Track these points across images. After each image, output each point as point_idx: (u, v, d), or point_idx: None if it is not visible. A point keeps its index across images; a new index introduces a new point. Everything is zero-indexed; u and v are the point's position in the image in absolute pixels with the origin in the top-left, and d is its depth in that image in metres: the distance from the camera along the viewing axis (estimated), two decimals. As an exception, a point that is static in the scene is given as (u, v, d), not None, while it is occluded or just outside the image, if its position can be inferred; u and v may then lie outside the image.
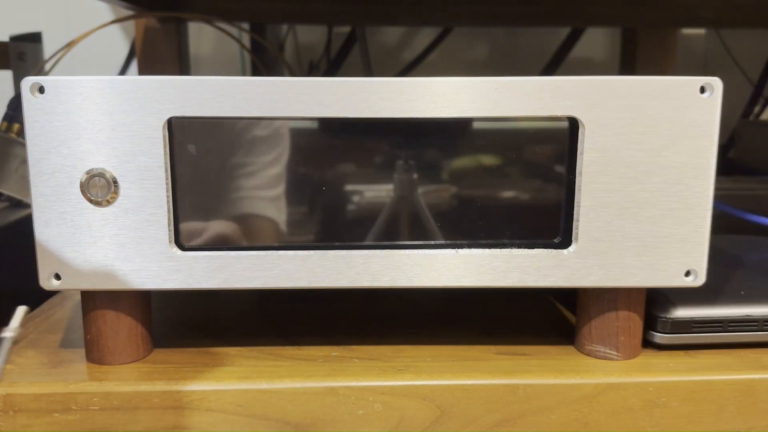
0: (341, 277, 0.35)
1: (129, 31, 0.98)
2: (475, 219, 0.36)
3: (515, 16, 0.91)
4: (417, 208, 0.36)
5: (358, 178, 0.35)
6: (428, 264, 0.35)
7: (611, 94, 0.34)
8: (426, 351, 0.39)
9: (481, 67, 1.06)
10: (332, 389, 0.35)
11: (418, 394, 0.35)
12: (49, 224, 0.34)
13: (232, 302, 0.47)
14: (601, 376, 0.36)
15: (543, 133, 0.35)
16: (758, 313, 0.38)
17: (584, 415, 0.36)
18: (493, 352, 0.39)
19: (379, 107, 0.34)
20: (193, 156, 0.35)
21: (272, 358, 0.38)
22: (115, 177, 0.34)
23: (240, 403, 0.35)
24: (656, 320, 0.38)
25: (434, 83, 0.34)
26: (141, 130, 0.33)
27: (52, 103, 0.33)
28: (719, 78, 0.34)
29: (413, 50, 1.03)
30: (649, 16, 0.89)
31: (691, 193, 0.34)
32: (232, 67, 1.03)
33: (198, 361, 0.37)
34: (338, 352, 0.39)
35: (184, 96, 0.33)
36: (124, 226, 0.34)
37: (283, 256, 0.35)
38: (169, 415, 0.35)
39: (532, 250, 0.35)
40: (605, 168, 0.34)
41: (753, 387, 0.36)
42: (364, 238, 0.36)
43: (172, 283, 0.35)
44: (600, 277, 0.35)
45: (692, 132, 0.34)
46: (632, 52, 0.94)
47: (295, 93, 0.33)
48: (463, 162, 0.36)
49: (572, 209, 0.35)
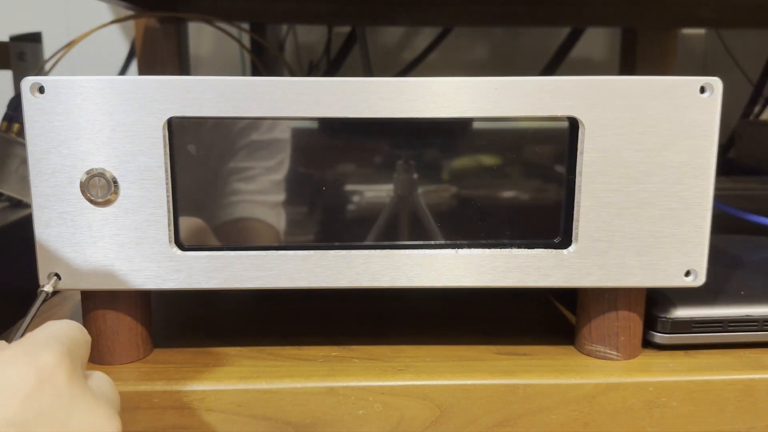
0: (341, 277, 0.35)
1: (129, 31, 0.98)
2: (475, 219, 0.36)
3: (515, 16, 0.91)
4: (417, 208, 0.36)
5: (358, 178, 0.35)
6: (428, 264, 0.35)
7: (611, 94, 0.34)
8: (426, 351, 0.39)
9: (481, 67, 1.06)
10: (332, 389, 0.35)
11: (418, 394, 0.35)
12: (49, 224, 0.34)
13: (232, 302, 0.47)
14: (601, 376, 0.36)
15: (543, 133, 0.35)
16: (758, 313, 0.38)
17: (584, 415, 0.36)
18: (493, 352, 0.39)
19: (379, 107, 0.34)
20: (192, 156, 0.35)
21: (272, 358, 0.38)
22: (115, 177, 0.34)
23: (240, 403, 0.35)
24: (656, 320, 0.38)
25: (434, 83, 0.34)
26: (141, 130, 0.33)
27: (52, 103, 0.33)
28: (719, 78, 0.34)
29: (413, 50, 1.03)
30: (649, 16, 0.89)
31: (691, 193, 0.34)
32: (232, 67, 1.03)
33: (198, 361, 0.37)
34: (338, 352, 0.39)
35: (184, 96, 0.33)
36: (124, 226, 0.34)
37: (283, 256, 0.35)
38: (169, 415, 0.35)
39: (532, 250, 0.35)
40: (605, 168, 0.34)
41: (753, 387, 0.36)
42: (364, 238, 0.36)
43: (172, 283, 0.35)
44: (600, 277, 0.35)
45: (692, 132, 0.34)
46: (632, 52, 0.94)
47: (295, 93, 0.33)
48: (463, 162, 0.36)
49: (572, 209, 0.35)
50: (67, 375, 0.25)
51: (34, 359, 0.25)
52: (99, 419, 0.25)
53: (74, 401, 0.25)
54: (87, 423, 0.25)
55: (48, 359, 0.25)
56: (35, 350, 0.25)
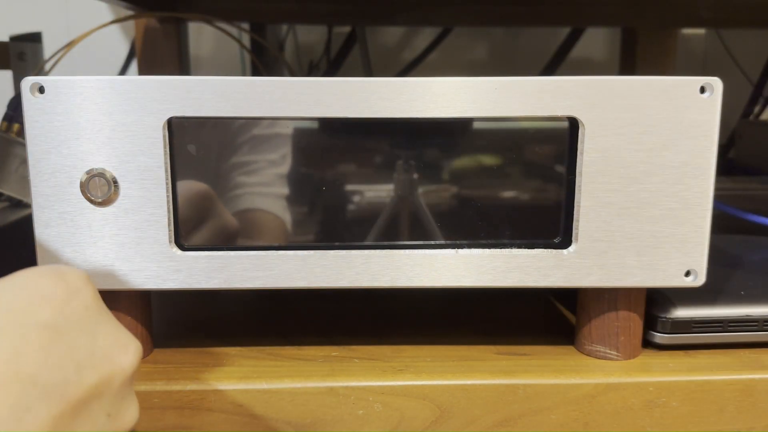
0: (341, 277, 0.35)
1: (129, 31, 0.98)
2: (475, 219, 0.36)
3: (515, 16, 0.91)
4: (417, 208, 0.36)
5: (358, 178, 0.35)
6: (428, 264, 0.35)
7: (611, 94, 0.34)
8: (426, 351, 0.39)
9: (481, 67, 1.06)
10: (332, 389, 0.35)
11: (418, 394, 0.35)
12: (49, 224, 0.34)
13: (232, 302, 0.47)
14: (601, 376, 0.36)
15: (543, 133, 0.35)
16: (758, 313, 0.38)
17: (584, 415, 0.36)
18: (493, 352, 0.39)
19: (379, 107, 0.34)
20: (192, 156, 0.35)
21: (272, 358, 0.38)
22: (115, 177, 0.34)
23: (240, 403, 0.35)
24: (656, 320, 0.38)
25: (434, 83, 0.34)
26: (141, 130, 0.33)
27: (52, 103, 0.33)
28: (719, 78, 0.34)
29: (413, 50, 1.03)
30: (649, 16, 0.89)
31: (691, 193, 0.34)
32: (232, 67, 1.03)
33: (198, 361, 0.37)
34: (338, 352, 0.39)
35: (184, 96, 0.33)
36: (124, 226, 0.34)
37: (283, 256, 0.35)
38: (169, 415, 0.35)
39: (532, 250, 0.35)
40: (605, 168, 0.34)
41: (753, 387, 0.36)
42: (364, 238, 0.36)
43: (172, 283, 0.35)
44: (600, 277, 0.35)
45: (692, 132, 0.34)
46: (632, 52, 0.94)
47: (295, 93, 0.33)
48: (463, 162, 0.36)
49: (572, 209, 0.35)
50: (94, 293, 0.27)
51: (63, 275, 0.26)
52: (122, 335, 0.27)
53: (101, 316, 0.27)
54: (112, 337, 0.27)
55: (76, 277, 0.27)
56: (63, 269, 0.27)
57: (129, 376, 0.27)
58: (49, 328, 0.24)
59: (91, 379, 0.25)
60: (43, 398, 0.22)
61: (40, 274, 0.26)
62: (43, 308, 0.25)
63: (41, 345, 0.23)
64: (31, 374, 0.22)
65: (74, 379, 0.24)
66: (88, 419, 0.24)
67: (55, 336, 0.24)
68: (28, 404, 0.22)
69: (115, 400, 0.26)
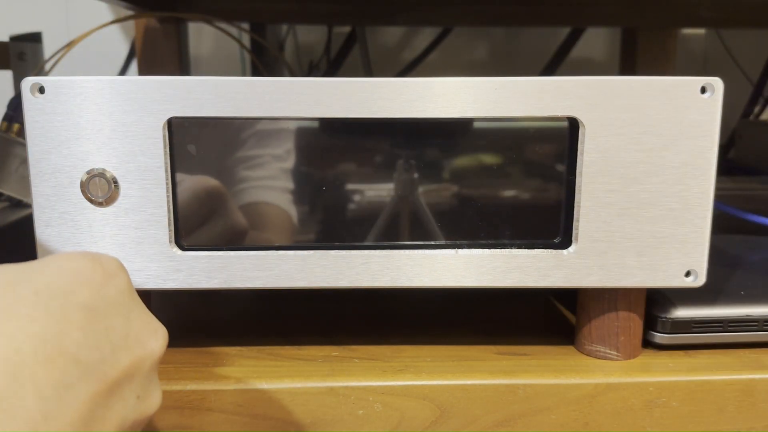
0: (341, 277, 0.35)
1: (129, 31, 0.98)
2: (475, 219, 0.36)
3: (515, 16, 0.91)
4: (417, 208, 0.36)
5: (358, 178, 0.35)
6: (428, 264, 0.35)
7: (611, 94, 0.34)
8: (426, 351, 0.39)
9: (481, 67, 1.06)
10: (332, 389, 0.35)
11: (418, 394, 0.35)
12: (49, 224, 0.34)
13: (232, 302, 0.47)
14: (601, 376, 0.36)
15: (543, 133, 0.35)
16: (758, 313, 0.38)
17: (584, 415, 0.36)
18: (493, 352, 0.39)
19: (379, 107, 0.34)
20: (192, 156, 0.35)
21: (272, 358, 0.38)
22: (115, 177, 0.34)
23: (240, 403, 0.35)
24: (656, 320, 0.38)
25: (434, 83, 0.34)
26: (141, 130, 0.33)
27: (52, 103, 0.33)
28: (719, 78, 0.34)
29: (413, 50, 1.03)
30: (649, 16, 0.89)
31: (692, 193, 0.34)
32: (232, 67, 1.03)
33: (198, 361, 0.37)
34: (338, 352, 0.39)
35: (184, 96, 0.33)
36: (124, 226, 0.34)
37: (283, 256, 0.35)
38: (169, 415, 0.35)
39: (532, 251, 0.35)
40: (605, 168, 0.34)
41: (753, 387, 0.36)
42: (364, 238, 0.36)
43: (172, 283, 0.35)
44: (600, 278, 0.35)
45: (692, 132, 0.34)
46: (632, 52, 0.94)
47: (295, 93, 0.33)
48: (463, 162, 0.36)
49: (572, 209, 0.35)
50: (127, 279, 0.28)
51: (98, 258, 0.27)
52: (152, 321, 0.28)
53: (133, 301, 0.28)
54: (144, 321, 0.27)
55: (111, 262, 0.27)
56: (97, 254, 0.27)
57: (157, 360, 0.27)
58: (88, 309, 0.25)
59: (125, 360, 0.25)
60: (83, 377, 0.23)
61: (76, 257, 0.26)
62: (82, 289, 0.25)
63: (81, 325, 0.24)
64: (74, 353, 0.23)
65: (110, 360, 0.24)
66: (120, 399, 0.25)
67: (93, 317, 0.25)
68: (70, 382, 0.22)
69: (144, 382, 0.26)
